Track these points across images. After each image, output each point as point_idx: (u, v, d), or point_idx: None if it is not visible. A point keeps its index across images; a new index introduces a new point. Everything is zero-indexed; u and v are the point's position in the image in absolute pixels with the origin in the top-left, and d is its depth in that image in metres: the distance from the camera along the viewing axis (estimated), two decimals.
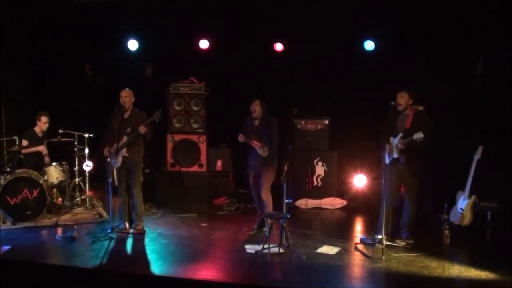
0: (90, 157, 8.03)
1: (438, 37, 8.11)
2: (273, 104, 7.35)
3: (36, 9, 9.16)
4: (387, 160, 6.32)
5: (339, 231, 7.06)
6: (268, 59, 9.12)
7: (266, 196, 6.75)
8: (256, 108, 6.82)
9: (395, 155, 6.24)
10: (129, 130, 6.62)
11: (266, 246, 5.89)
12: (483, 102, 7.84)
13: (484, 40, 7.81)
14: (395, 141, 6.24)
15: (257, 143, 6.72)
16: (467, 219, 6.62)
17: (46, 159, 7.90)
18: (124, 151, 6.62)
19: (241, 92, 9.22)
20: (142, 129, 6.52)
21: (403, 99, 6.24)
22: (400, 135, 6.21)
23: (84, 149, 8.05)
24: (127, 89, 6.77)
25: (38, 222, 7.21)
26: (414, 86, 6.39)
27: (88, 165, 8.05)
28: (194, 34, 9.32)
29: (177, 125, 9.02)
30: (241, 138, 6.87)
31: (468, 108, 7.93)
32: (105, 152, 6.70)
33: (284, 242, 6.02)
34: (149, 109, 6.76)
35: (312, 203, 8.37)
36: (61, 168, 7.79)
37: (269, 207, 6.74)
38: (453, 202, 6.91)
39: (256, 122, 6.89)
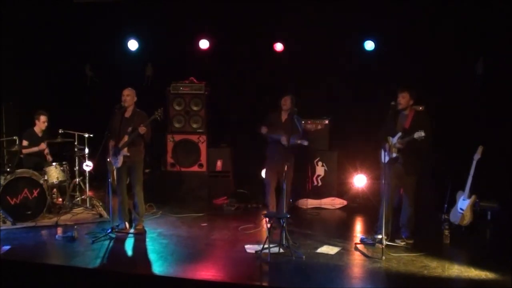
0: (90, 157, 8.03)
1: (438, 37, 8.11)
2: (273, 104, 7.38)
3: (36, 9, 9.16)
4: (384, 159, 6.31)
5: (339, 231, 7.06)
6: (268, 59, 9.12)
7: (290, 193, 6.98)
8: (287, 102, 7.09)
9: (394, 155, 6.24)
10: (130, 129, 6.62)
11: (266, 246, 5.89)
12: (483, 102, 7.84)
13: (484, 40, 7.82)
14: (394, 140, 6.24)
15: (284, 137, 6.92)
16: (467, 219, 6.62)
17: (49, 157, 7.90)
18: (125, 151, 6.62)
19: (241, 92, 9.24)
20: (142, 129, 6.52)
21: (404, 99, 6.24)
22: (399, 134, 6.21)
23: (84, 149, 8.06)
24: (129, 88, 6.79)
25: (38, 222, 7.21)
26: (414, 86, 6.39)
27: (88, 165, 8.06)
28: (194, 34, 9.32)
29: (177, 125, 9.02)
30: (264, 130, 7.06)
31: (468, 108, 7.93)
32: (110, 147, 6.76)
33: (284, 242, 6.02)
34: (149, 109, 6.76)
35: (312, 203, 8.37)
36: (61, 168, 7.79)
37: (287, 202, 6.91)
38: (453, 202, 6.91)
39: (284, 117, 7.14)
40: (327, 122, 8.58)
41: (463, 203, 6.69)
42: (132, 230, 6.84)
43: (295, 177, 7.35)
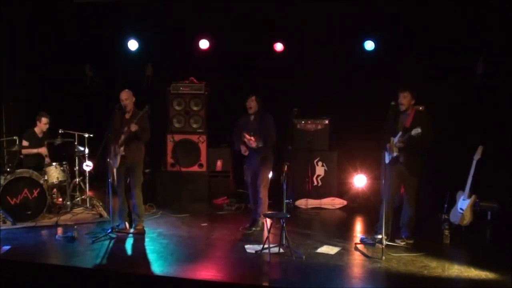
0: (90, 157, 8.03)
1: (438, 37, 8.11)
2: (273, 104, 7.37)
3: (36, 9, 9.16)
4: (387, 160, 6.32)
5: (339, 231, 7.06)
6: (268, 59, 9.12)
7: (264, 195, 6.86)
8: (252, 104, 6.92)
9: (395, 154, 6.24)
10: (125, 129, 6.61)
11: (266, 246, 5.89)
12: (483, 102, 7.84)
13: (484, 40, 7.82)
14: (395, 140, 6.24)
15: (250, 137, 6.74)
16: (467, 219, 6.62)
17: (47, 159, 7.91)
18: (121, 150, 6.60)
19: (241, 92, 9.22)
20: (133, 127, 6.50)
21: (405, 99, 6.22)
22: (400, 133, 6.21)
23: (84, 149, 8.06)
24: (126, 90, 6.74)
25: (38, 222, 7.21)
26: (414, 86, 6.38)
27: (88, 165, 8.06)
28: (194, 34, 9.33)
29: (177, 125, 9.03)
30: (242, 148, 6.85)
31: (468, 108, 7.93)
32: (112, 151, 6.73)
33: (284, 242, 6.02)
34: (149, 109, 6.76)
35: (312, 203, 8.37)
36: (61, 168, 7.79)
37: (264, 206, 6.83)
38: (453, 202, 6.91)
39: (252, 118, 6.98)
40: (327, 122, 8.59)
41: (463, 203, 6.69)
42: (132, 230, 6.84)
43: (291, 177, 7.30)
